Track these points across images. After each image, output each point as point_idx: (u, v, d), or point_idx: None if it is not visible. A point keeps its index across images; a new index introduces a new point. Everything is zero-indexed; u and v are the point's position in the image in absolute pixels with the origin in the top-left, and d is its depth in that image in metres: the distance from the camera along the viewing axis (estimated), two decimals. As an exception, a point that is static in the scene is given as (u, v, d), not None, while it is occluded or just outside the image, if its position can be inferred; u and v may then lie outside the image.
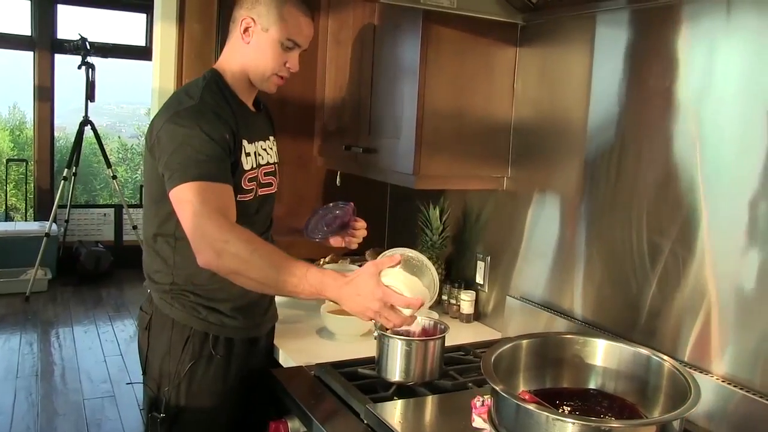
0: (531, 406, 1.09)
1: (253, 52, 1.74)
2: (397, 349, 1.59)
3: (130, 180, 7.88)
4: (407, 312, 1.48)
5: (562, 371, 1.35)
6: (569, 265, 1.91)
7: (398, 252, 1.55)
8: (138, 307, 1.87)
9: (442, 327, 1.67)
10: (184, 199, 1.52)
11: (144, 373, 1.79)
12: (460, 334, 2.15)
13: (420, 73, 1.92)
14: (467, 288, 2.30)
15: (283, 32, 1.72)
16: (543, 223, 2.01)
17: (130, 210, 6.34)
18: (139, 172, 7.73)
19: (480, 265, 2.26)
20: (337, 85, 2.44)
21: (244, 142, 1.71)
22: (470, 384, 1.65)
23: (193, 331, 1.71)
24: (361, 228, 2.04)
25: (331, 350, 1.91)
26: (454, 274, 2.40)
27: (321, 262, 2.56)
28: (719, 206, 1.50)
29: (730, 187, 1.47)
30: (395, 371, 1.61)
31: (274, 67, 1.75)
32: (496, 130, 2.07)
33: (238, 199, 1.66)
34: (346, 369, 1.71)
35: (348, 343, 2.00)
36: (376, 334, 1.68)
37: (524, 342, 1.36)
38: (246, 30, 1.72)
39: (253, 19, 1.71)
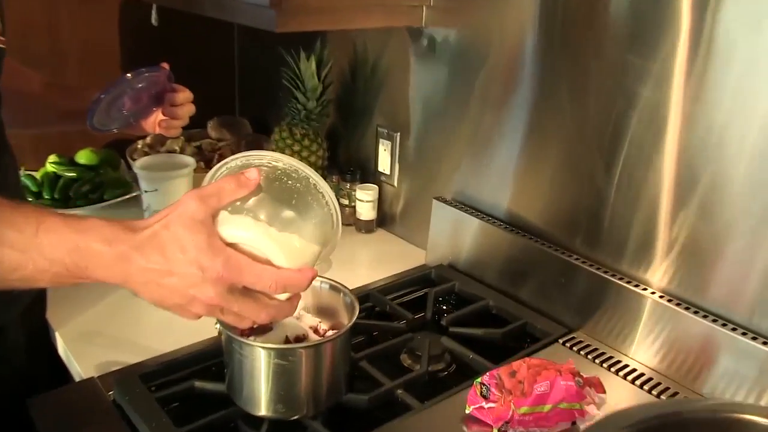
0: None
1: None
2: (260, 367, 0.82)
3: None
4: (281, 296, 0.70)
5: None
6: (518, 148, 1.17)
7: (253, 159, 0.73)
8: None
9: (348, 300, 0.90)
10: None
11: None
12: (358, 257, 1.40)
13: None
14: (365, 180, 1.52)
15: None
16: (482, 82, 1.22)
17: None
18: None
19: (384, 144, 1.47)
20: None
21: None
22: (399, 391, 0.93)
23: None
24: (184, 101, 1.19)
25: (145, 332, 1.10)
26: (343, 157, 1.61)
27: (138, 146, 1.67)
28: None
29: None
30: (261, 402, 0.84)
31: None
32: None
33: None
34: (169, 380, 0.94)
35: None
36: (217, 327, 0.89)
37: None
38: None
39: None
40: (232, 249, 0.67)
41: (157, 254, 0.65)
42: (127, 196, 1.51)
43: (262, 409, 0.84)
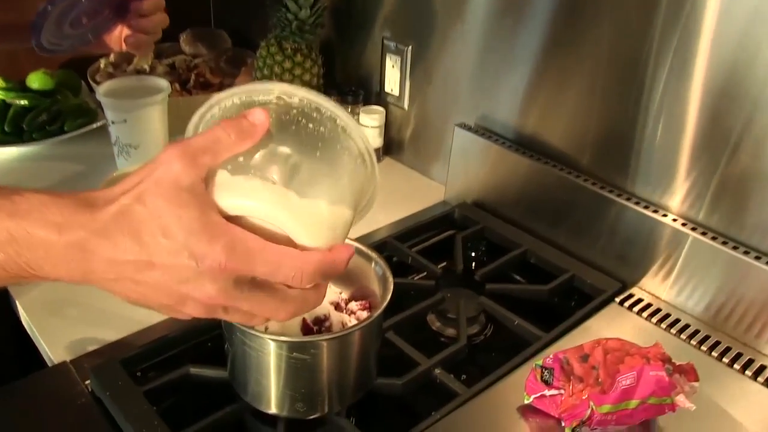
0: None
1: None
2: (272, 362, 0.65)
3: None
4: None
5: None
6: (548, 66, 0.98)
7: (257, 95, 0.53)
8: None
9: (379, 271, 0.72)
10: None
11: None
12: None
13: None
14: (368, 101, 1.32)
15: None
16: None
17: None
18: None
19: (392, 60, 1.26)
20: None
21: None
22: (437, 370, 0.77)
23: None
24: (154, 9, 0.99)
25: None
26: (342, 75, 1.40)
27: (101, 65, 1.44)
28: None
29: None
30: (273, 400, 0.67)
31: None
32: None
33: None
34: (158, 364, 0.77)
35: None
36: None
37: None
38: None
39: None
40: (236, 226, 0.48)
41: (130, 240, 0.46)
42: (93, 126, 1.30)
43: (276, 408, 0.68)
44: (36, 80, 1.32)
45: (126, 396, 0.72)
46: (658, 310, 0.88)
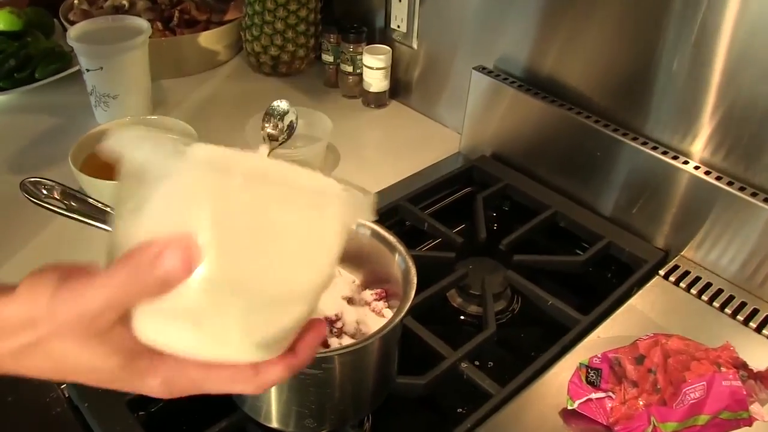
0: None
1: None
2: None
3: None
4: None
5: None
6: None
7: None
8: None
9: (402, 265, 0.60)
10: None
11: None
12: (369, 141, 1.10)
13: None
14: (372, 39, 1.18)
15: None
16: None
17: None
18: None
19: (397, -7, 1.12)
20: None
21: None
22: (464, 364, 0.67)
23: None
24: None
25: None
26: (341, 10, 1.25)
27: (75, 1, 1.30)
28: None
29: None
30: (275, 415, 0.58)
31: None
32: None
33: None
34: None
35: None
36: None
37: None
38: None
39: None
40: (169, 356, 0.37)
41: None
42: (67, 72, 1.16)
43: (279, 423, 0.58)
44: (3, 20, 1.17)
45: (108, 407, 0.62)
46: (708, 285, 0.78)
